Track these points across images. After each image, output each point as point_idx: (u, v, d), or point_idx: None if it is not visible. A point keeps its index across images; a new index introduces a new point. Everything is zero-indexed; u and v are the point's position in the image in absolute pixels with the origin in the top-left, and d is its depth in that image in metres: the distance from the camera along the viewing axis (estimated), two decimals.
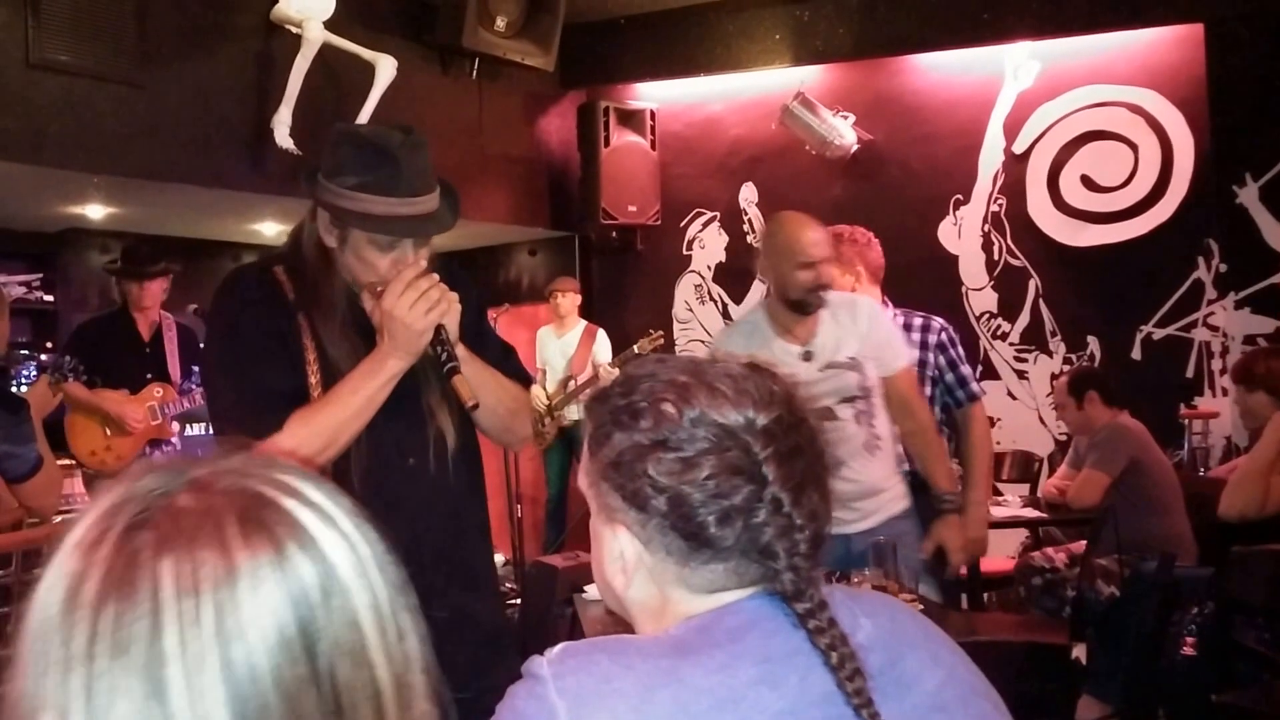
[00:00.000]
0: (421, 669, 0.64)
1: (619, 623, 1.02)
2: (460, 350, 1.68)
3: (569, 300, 5.80)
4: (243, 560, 0.58)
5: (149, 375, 4.44)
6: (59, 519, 4.17)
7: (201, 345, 1.86)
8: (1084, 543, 3.85)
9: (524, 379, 1.92)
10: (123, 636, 0.56)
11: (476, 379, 1.70)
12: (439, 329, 1.64)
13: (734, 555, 0.90)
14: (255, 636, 0.57)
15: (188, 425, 5.53)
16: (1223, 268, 5.00)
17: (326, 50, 4.53)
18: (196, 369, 4.56)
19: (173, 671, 0.55)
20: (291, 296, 1.72)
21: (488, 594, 1.90)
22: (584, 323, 5.88)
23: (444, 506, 1.76)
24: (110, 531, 0.59)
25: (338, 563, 0.61)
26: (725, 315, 6.04)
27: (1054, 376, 5.21)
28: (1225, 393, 4.85)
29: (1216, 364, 5.01)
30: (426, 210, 1.67)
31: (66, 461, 4.90)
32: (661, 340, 5.64)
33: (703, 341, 6.07)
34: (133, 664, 0.55)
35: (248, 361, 1.68)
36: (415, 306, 1.61)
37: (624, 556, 0.95)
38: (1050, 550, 4.10)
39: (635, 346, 5.39)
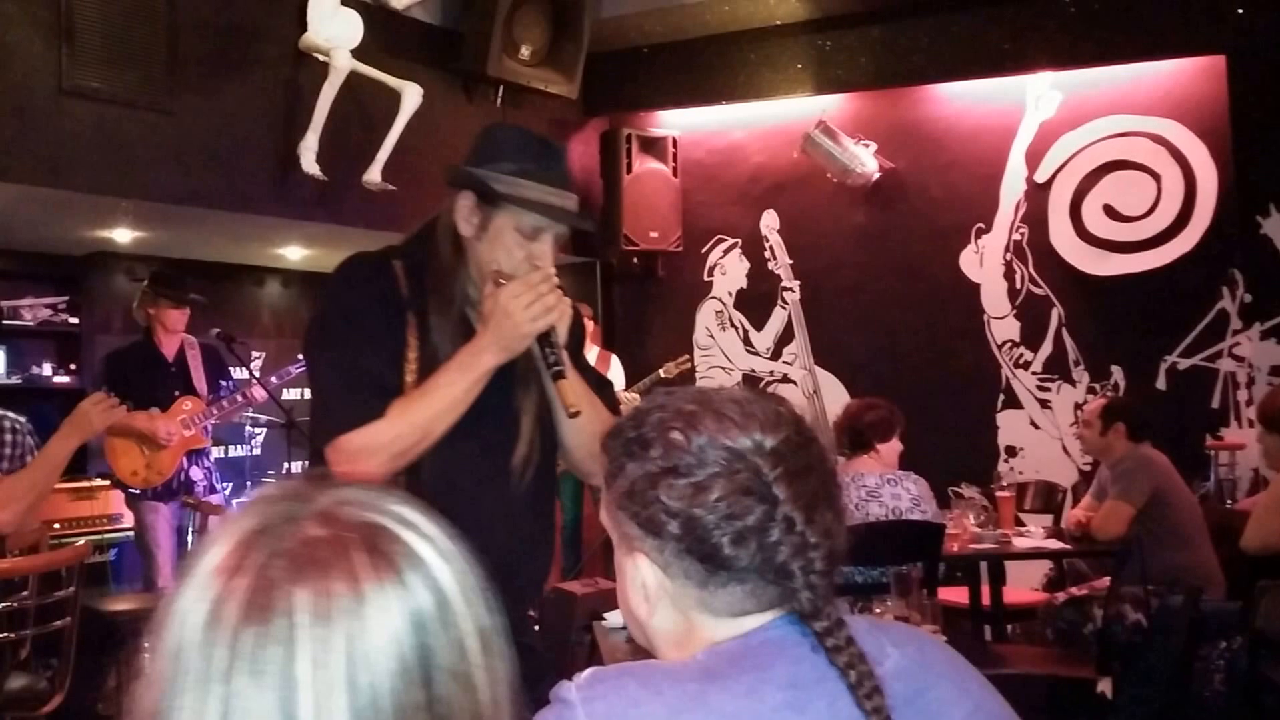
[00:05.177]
0: (510, 691, 0.68)
1: (639, 651, 1.02)
2: (565, 359, 1.70)
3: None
4: (370, 590, 0.62)
5: (176, 392, 4.59)
6: (80, 540, 4.25)
7: (306, 337, 1.84)
8: (1107, 579, 3.80)
9: (616, 411, 1.89)
10: (260, 660, 0.59)
11: (578, 390, 1.71)
12: (549, 330, 1.66)
13: (751, 576, 0.91)
14: (380, 663, 0.61)
15: (227, 448, 5.60)
16: (1247, 298, 4.96)
17: (353, 78, 4.59)
18: (224, 382, 4.73)
19: (304, 696, 0.59)
20: (405, 293, 1.72)
21: (528, 612, 1.90)
22: (597, 348, 5.87)
23: (514, 517, 1.75)
24: (248, 559, 0.63)
25: (450, 591, 0.66)
26: (746, 341, 6.04)
27: (1078, 406, 5.17)
28: (1251, 424, 4.80)
29: (1243, 395, 4.97)
30: (573, 206, 1.75)
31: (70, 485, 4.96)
32: (689, 364, 5.59)
33: (723, 368, 6.07)
34: (268, 686, 0.59)
35: (356, 345, 1.68)
36: (530, 307, 1.63)
37: (645, 584, 0.95)
38: (1073, 590, 4.05)
39: (661, 371, 5.35)
